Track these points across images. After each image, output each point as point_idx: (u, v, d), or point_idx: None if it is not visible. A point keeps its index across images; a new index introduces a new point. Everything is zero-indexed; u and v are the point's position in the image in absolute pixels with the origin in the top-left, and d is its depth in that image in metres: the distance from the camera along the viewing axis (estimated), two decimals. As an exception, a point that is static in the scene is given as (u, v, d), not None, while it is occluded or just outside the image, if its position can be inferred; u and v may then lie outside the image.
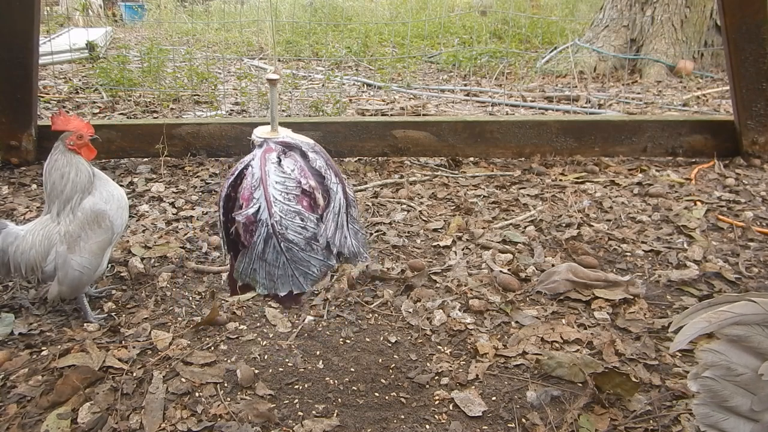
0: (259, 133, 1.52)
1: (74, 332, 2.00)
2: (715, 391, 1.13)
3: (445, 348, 1.97)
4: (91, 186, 2.00)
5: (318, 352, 1.95)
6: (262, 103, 5.09)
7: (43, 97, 5.03)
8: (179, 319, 2.11)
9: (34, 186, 3.25)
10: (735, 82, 3.53)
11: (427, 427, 1.64)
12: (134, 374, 1.81)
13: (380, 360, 1.92)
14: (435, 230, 2.82)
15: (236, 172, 1.47)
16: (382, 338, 2.02)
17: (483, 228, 2.81)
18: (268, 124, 1.55)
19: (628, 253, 2.59)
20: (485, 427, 1.63)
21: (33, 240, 1.96)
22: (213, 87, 5.57)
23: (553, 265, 2.42)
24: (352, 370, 1.87)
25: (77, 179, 1.97)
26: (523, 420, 1.65)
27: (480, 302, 2.18)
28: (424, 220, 2.92)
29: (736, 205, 3.08)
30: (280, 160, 1.46)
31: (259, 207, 1.41)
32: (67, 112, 2.03)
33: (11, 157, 3.46)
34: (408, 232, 2.79)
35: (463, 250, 2.62)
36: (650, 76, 6.39)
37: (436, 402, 1.73)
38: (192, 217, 2.92)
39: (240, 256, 1.46)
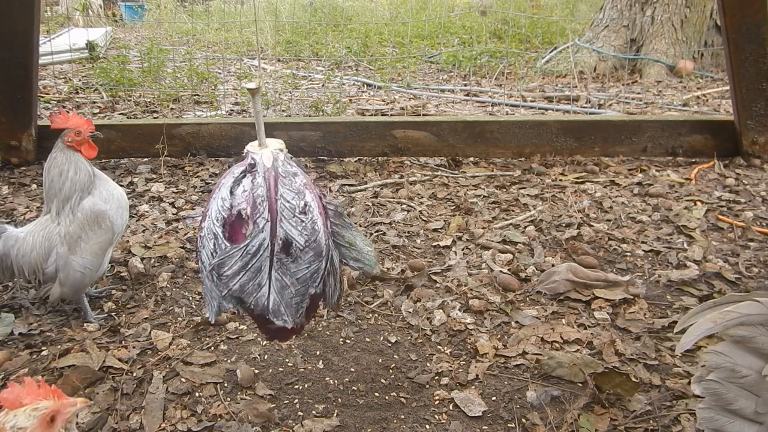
0: (251, 144, 1.40)
1: (74, 332, 2.00)
2: (720, 394, 1.12)
3: (445, 348, 1.97)
4: (91, 185, 1.99)
5: (318, 352, 1.95)
6: (263, 103, 5.09)
7: (43, 97, 5.02)
8: (179, 319, 2.11)
9: (34, 186, 3.25)
10: (735, 82, 3.53)
11: (427, 427, 1.64)
12: (134, 374, 1.81)
13: (380, 360, 1.92)
14: (435, 230, 2.81)
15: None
16: (382, 338, 2.02)
17: (483, 228, 2.81)
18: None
19: (628, 253, 2.59)
20: (485, 427, 1.63)
21: (33, 242, 1.94)
22: (213, 87, 5.57)
23: (553, 265, 2.42)
24: (352, 370, 1.87)
25: (76, 178, 1.95)
26: (523, 420, 1.65)
27: (480, 302, 2.18)
28: (424, 220, 2.92)
29: (736, 205, 3.08)
30: (243, 177, 1.32)
31: (203, 216, 1.35)
32: (67, 111, 2.03)
33: (11, 157, 3.46)
34: (408, 232, 2.79)
35: (463, 250, 2.62)
36: (650, 76, 6.39)
37: (436, 402, 1.72)
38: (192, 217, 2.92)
39: None
